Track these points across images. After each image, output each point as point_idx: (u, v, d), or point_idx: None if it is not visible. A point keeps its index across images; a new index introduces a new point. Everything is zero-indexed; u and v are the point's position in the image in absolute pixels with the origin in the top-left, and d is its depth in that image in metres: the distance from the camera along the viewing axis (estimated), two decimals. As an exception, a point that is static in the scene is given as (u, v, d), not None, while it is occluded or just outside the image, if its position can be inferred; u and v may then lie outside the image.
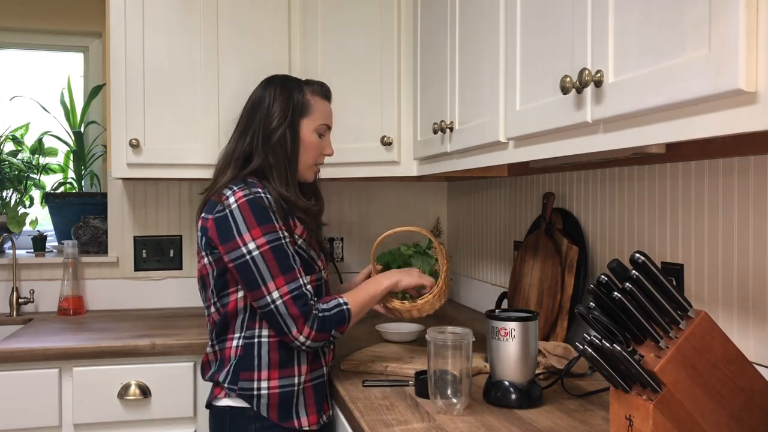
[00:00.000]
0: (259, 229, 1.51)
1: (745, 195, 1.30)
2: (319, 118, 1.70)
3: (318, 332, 1.51)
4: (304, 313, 1.50)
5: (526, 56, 1.34)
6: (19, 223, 2.84)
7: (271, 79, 1.73)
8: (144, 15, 2.29)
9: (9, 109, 3.12)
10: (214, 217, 1.56)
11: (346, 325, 1.56)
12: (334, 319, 1.53)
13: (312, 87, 1.72)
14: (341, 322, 1.55)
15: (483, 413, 1.36)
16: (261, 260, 1.50)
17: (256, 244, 1.50)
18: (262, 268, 1.50)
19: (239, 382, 1.56)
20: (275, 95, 1.67)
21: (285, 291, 1.50)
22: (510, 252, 2.31)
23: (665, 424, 1.02)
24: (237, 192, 1.55)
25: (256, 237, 1.51)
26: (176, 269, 2.69)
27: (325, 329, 1.52)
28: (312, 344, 1.52)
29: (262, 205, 1.53)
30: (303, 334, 1.50)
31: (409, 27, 2.16)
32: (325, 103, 1.74)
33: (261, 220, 1.52)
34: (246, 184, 1.57)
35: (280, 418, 1.56)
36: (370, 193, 2.89)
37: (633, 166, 1.63)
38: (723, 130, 0.84)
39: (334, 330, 1.54)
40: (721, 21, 0.81)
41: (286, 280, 1.50)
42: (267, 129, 1.64)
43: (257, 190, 1.56)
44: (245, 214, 1.52)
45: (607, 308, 1.06)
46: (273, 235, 1.52)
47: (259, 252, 1.50)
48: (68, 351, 1.97)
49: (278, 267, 1.50)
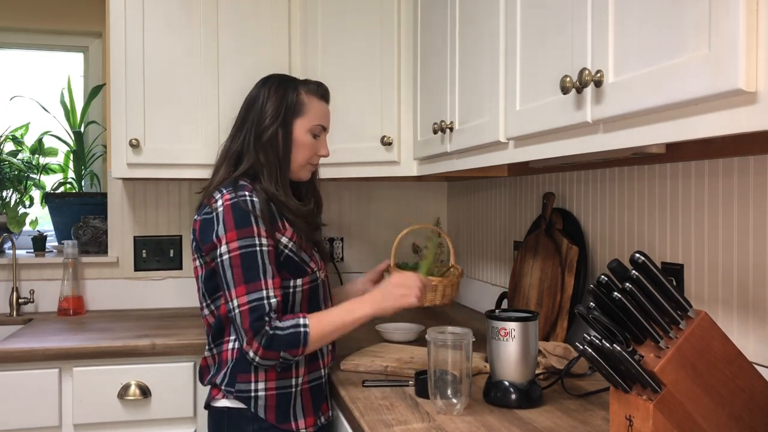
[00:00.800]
0: (236, 232, 1.50)
1: (745, 195, 1.30)
2: (314, 119, 1.68)
3: (266, 350, 1.44)
4: (255, 328, 1.44)
5: (526, 56, 1.34)
6: (19, 223, 2.84)
7: (268, 77, 1.72)
8: (144, 15, 2.29)
9: (9, 109, 3.12)
10: (200, 218, 1.58)
11: (300, 348, 1.47)
12: (285, 340, 1.45)
13: (308, 87, 1.70)
14: (293, 344, 1.46)
15: (483, 413, 1.36)
16: (228, 265, 1.49)
17: (228, 248, 1.49)
18: (228, 273, 1.49)
19: (236, 384, 1.56)
20: (269, 94, 1.66)
21: (243, 301, 1.46)
22: (510, 252, 2.31)
23: (665, 424, 1.02)
24: (225, 195, 1.55)
25: (231, 241, 1.49)
26: (176, 269, 2.69)
27: (273, 348, 1.45)
28: (261, 361, 1.46)
29: (244, 209, 1.52)
30: (252, 349, 1.45)
31: (409, 27, 2.16)
32: (322, 103, 1.71)
33: (240, 224, 1.50)
34: (234, 187, 1.57)
35: (278, 420, 1.56)
36: (370, 193, 2.89)
37: (633, 166, 1.63)
38: (723, 130, 0.84)
39: (284, 352, 1.46)
40: (721, 21, 0.81)
41: (247, 290, 1.47)
42: (259, 127, 1.63)
43: (243, 194, 1.54)
44: (226, 217, 1.51)
45: (607, 308, 1.06)
46: (248, 241, 1.50)
47: (228, 256, 1.49)
48: (68, 351, 1.97)
49: (242, 275, 1.47)
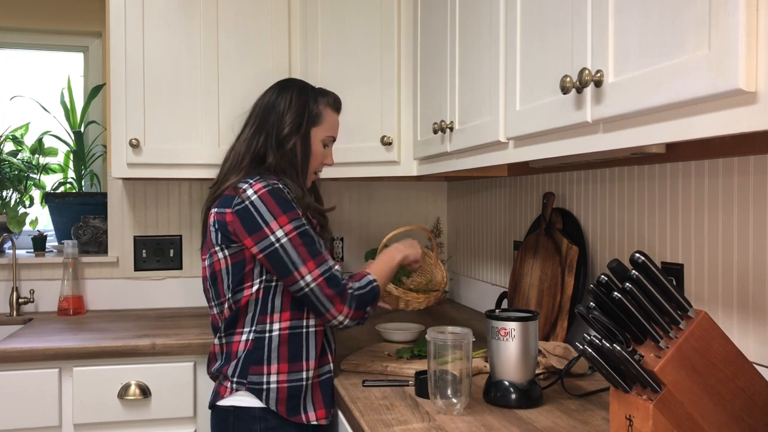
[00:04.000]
0: (285, 216, 1.55)
1: (745, 195, 1.30)
2: (327, 130, 1.75)
3: (355, 310, 1.57)
4: (339, 293, 1.54)
5: (526, 56, 1.34)
6: (19, 223, 2.84)
7: (287, 83, 1.76)
8: (144, 15, 2.29)
9: (9, 109, 3.12)
10: (233, 210, 1.57)
11: (376, 302, 1.62)
12: (368, 296, 1.59)
13: (327, 98, 1.76)
14: (375, 298, 1.61)
15: (483, 413, 1.36)
16: (291, 246, 1.54)
17: (284, 231, 1.54)
18: (292, 254, 1.54)
19: (248, 376, 1.57)
20: (291, 102, 1.70)
21: (317, 274, 1.54)
22: (510, 252, 2.31)
23: (665, 424, 1.02)
24: (255, 184, 1.57)
25: (283, 224, 1.54)
26: (176, 269, 2.69)
27: (361, 306, 1.57)
28: (350, 323, 1.58)
29: (282, 193, 1.57)
30: (342, 314, 1.55)
31: (409, 27, 2.16)
32: (335, 115, 1.79)
33: (285, 207, 1.56)
34: (262, 177, 1.61)
35: (289, 413, 1.57)
36: (370, 193, 2.89)
37: (633, 166, 1.63)
38: (723, 130, 0.84)
39: (369, 307, 1.60)
40: (721, 21, 0.81)
41: (317, 263, 1.54)
42: (280, 134, 1.68)
43: (274, 182, 1.59)
44: (268, 203, 1.55)
45: (607, 308, 1.06)
46: (298, 221, 1.56)
47: (288, 239, 1.54)
48: (68, 351, 1.97)
49: (307, 252, 1.54)
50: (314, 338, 1.62)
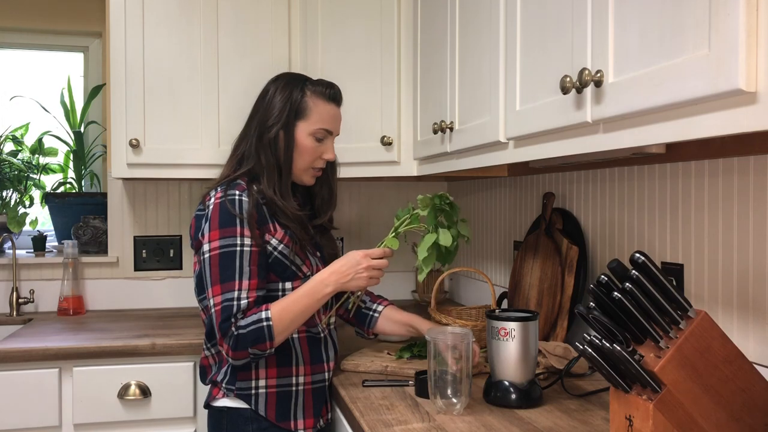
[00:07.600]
0: (219, 231, 1.51)
1: (745, 195, 1.30)
2: (317, 122, 1.63)
3: (234, 351, 1.45)
4: (223, 329, 1.46)
5: (526, 56, 1.34)
6: (19, 223, 2.83)
7: (279, 76, 1.71)
8: (144, 15, 2.29)
9: (9, 109, 3.12)
10: (195, 215, 1.61)
11: (267, 342, 1.46)
12: (249, 337, 1.45)
13: (316, 88, 1.65)
14: (258, 340, 1.45)
15: (483, 413, 1.36)
16: (208, 264, 1.50)
17: (210, 247, 1.51)
18: (207, 272, 1.51)
19: (237, 382, 1.56)
20: (276, 93, 1.64)
21: (217, 300, 1.47)
22: (510, 252, 2.31)
23: (665, 424, 1.02)
24: (217, 193, 1.56)
25: (213, 240, 1.51)
26: (176, 269, 2.69)
27: (240, 348, 1.45)
28: (234, 361, 1.48)
29: (230, 207, 1.52)
30: (224, 350, 1.48)
31: (409, 27, 2.16)
32: (329, 105, 1.67)
33: (224, 223, 1.51)
34: (228, 186, 1.57)
35: (278, 418, 1.56)
36: (370, 193, 2.89)
37: (633, 166, 1.63)
38: (723, 130, 0.84)
39: (251, 348, 1.46)
40: (721, 21, 0.81)
41: (222, 290, 1.47)
42: (262, 127, 1.63)
43: (233, 193, 1.54)
44: (213, 215, 1.53)
45: (607, 308, 1.06)
46: (228, 241, 1.50)
47: (209, 255, 1.50)
48: (68, 351, 1.97)
49: (219, 275, 1.48)
50: (300, 344, 1.59)
